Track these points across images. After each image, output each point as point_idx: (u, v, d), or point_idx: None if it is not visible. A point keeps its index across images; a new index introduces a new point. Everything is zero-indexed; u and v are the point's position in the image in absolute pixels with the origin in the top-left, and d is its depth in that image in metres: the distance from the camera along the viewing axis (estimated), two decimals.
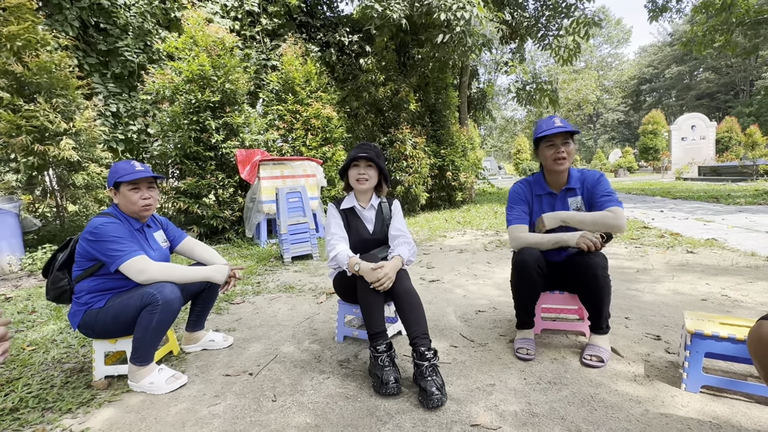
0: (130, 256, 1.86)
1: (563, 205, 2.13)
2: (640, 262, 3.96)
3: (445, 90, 10.82)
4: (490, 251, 4.95)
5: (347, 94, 9.32)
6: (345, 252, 2.06)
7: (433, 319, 2.70)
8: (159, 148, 6.54)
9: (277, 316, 2.95)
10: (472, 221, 7.79)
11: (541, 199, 2.18)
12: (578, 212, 2.06)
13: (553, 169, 2.08)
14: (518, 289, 2.11)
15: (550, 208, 2.15)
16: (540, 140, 2.08)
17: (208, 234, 6.41)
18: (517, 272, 2.07)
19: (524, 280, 2.04)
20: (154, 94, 6.57)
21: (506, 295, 3.14)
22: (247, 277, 4.12)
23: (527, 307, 2.15)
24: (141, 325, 1.85)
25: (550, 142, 2.05)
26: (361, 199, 2.22)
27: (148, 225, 2.12)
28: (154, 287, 1.85)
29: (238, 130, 6.50)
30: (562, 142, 2.03)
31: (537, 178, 2.21)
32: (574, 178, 2.12)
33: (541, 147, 2.09)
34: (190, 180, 6.07)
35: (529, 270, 1.99)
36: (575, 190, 2.12)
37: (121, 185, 1.95)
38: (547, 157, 2.07)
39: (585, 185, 2.11)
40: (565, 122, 2.05)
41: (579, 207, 2.10)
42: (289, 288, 3.68)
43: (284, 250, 4.88)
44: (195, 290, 2.25)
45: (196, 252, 2.27)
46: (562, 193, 2.14)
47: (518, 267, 2.05)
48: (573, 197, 2.12)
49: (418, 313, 1.89)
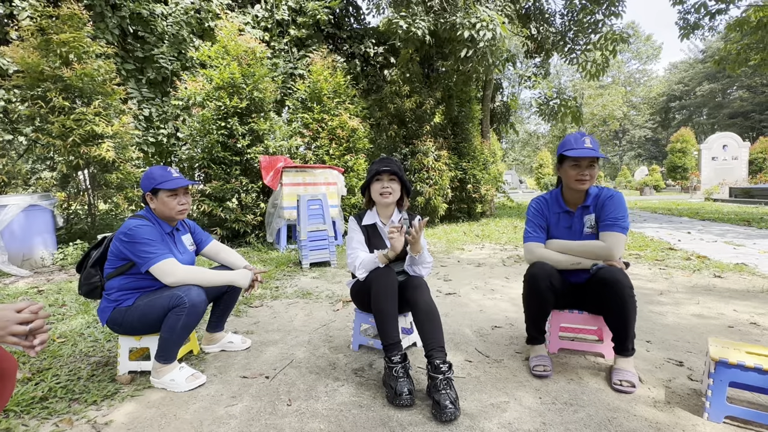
0: (160, 258, 1.93)
1: (579, 223, 2.12)
2: (664, 284, 3.85)
3: (469, 103, 10.82)
4: (508, 266, 4.90)
5: (371, 104, 9.44)
6: (368, 255, 2.10)
7: (449, 332, 2.69)
8: (187, 151, 6.76)
9: (294, 321, 3.00)
10: (491, 235, 7.73)
11: (559, 216, 2.17)
12: (566, 242, 2.08)
13: (573, 188, 2.07)
14: (528, 303, 2.11)
15: (566, 226, 2.14)
16: (566, 157, 2.07)
17: (229, 237, 6.55)
18: (527, 286, 2.07)
19: (534, 294, 2.03)
20: (185, 99, 6.81)
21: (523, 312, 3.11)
22: (266, 282, 4.20)
23: (537, 322, 2.13)
24: (167, 326, 1.92)
25: (576, 163, 2.03)
26: (383, 214, 2.24)
27: (177, 228, 2.21)
28: (181, 290, 1.92)
29: (263, 137, 6.66)
30: (588, 165, 2.02)
31: (555, 195, 2.20)
32: (591, 196, 2.11)
33: (566, 164, 2.08)
34: (215, 183, 6.24)
35: (539, 284, 1.98)
36: (589, 207, 2.11)
37: (159, 191, 2.04)
38: (570, 177, 2.06)
39: (597, 203, 2.10)
40: (596, 144, 2.04)
41: (591, 225, 2.09)
42: (307, 294, 3.73)
43: (303, 256, 4.95)
44: (217, 292, 2.31)
45: (221, 255, 2.34)
46: (578, 210, 2.13)
47: (528, 281, 2.04)
48: (588, 215, 2.11)
49: (435, 325, 1.89)
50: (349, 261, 2.18)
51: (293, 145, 7.35)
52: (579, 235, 2.11)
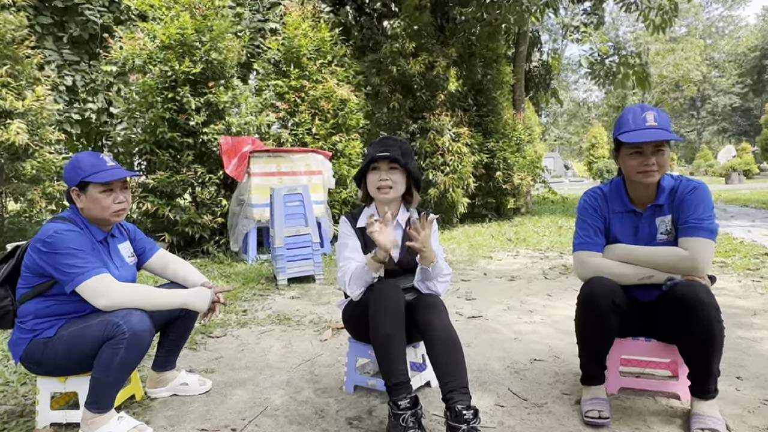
0: (91, 274, 1.94)
1: (650, 227, 2.11)
2: (759, 301, 3.85)
3: (496, 63, 10.82)
4: (551, 279, 4.90)
5: (367, 67, 9.43)
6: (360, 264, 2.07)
7: (474, 367, 2.69)
8: (124, 132, 6.78)
9: (268, 355, 3.00)
10: (528, 238, 7.72)
11: (621, 217, 2.16)
12: (633, 248, 2.07)
13: (638, 182, 2.07)
14: (584, 331, 2.11)
15: (632, 231, 2.14)
16: (623, 142, 2.03)
17: (181, 245, 6.57)
18: (583, 309, 2.06)
19: (592, 319, 2.03)
20: (120, 63, 6.82)
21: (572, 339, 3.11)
22: (231, 303, 4.21)
23: (596, 356, 2.13)
24: (101, 363, 1.92)
25: (637, 150, 2.01)
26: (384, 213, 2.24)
27: (113, 234, 2.21)
28: (118, 315, 1.93)
29: (223, 112, 6.67)
30: (653, 151, 1.99)
31: (615, 188, 2.19)
32: (665, 191, 2.09)
33: (624, 152, 2.05)
34: (161, 174, 6.25)
35: (599, 305, 1.98)
36: (663, 207, 2.10)
37: (89, 186, 2.04)
38: (631, 168, 2.03)
39: (674, 200, 2.08)
40: (664, 119, 2.00)
41: (668, 230, 2.08)
42: (285, 319, 3.74)
43: (279, 269, 4.96)
44: (166, 319, 2.32)
45: (171, 269, 2.34)
46: (648, 211, 2.12)
47: (585, 302, 2.04)
48: (661, 216, 2.10)
49: (455, 358, 1.90)
50: (339, 275, 2.17)
51: (264, 122, 7.35)
52: (649, 242, 2.10)
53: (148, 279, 4.92)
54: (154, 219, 6.52)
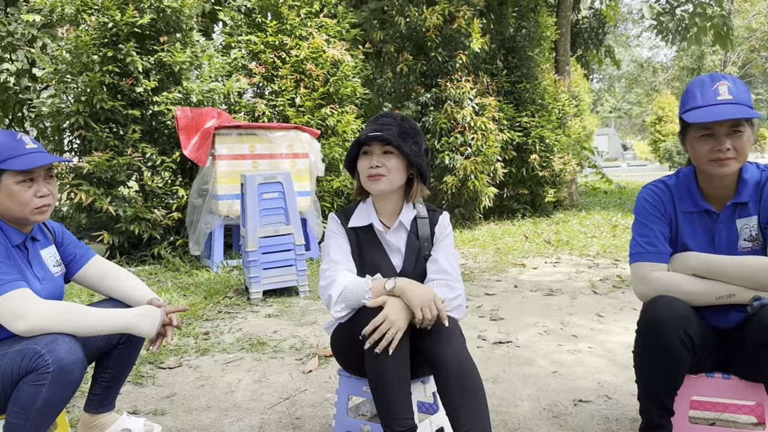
0: (6, 289, 1.93)
1: (729, 232, 2.10)
2: None
3: (534, 13, 10.79)
4: (602, 295, 4.90)
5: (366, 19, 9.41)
6: (357, 279, 2.08)
7: (500, 410, 2.70)
8: (50, 101, 6.77)
9: (235, 392, 3.00)
10: (572, 240, 7.72)
11: (692, 219, 2.15)
12: (710, 257, 2.06)
13: (710, 173, 2.05)
14: (646, 368, 2.10)
15: (707, 236, 2.13)
16: (688, 123, 2.02)
17: (124, 247, 6.58)
18: (645, 341, 2.06)
19: (658, 355, 2.02)
20: (46, 11, 6.81)
21: (629, 375, 3.11)
22: (188, 324, 4.21)
23: (661, 398, 2.12)
24: (19, 403, 1.91)
25: (707, 131, 1.99)
26: (384, 211, 2.24)
27: (34, 237, 2.21)
28: (41, 343, 1.92)
29: (180, 75, 6.67)
30: (728, 133, 1.97)
31: (684, 181, 2.18)
32: (748, 186, 2.08)
33: (691, 135, 2.04)
34: (98, 156, 6.23)
35: (667, 340, 1.97)
36: (747, 206, 2.09)
37: (3, 175, 2.03)
38: (700, 155, 2.02)
39: (762, 196, 2.07)
40: (740, 90, 1.99)
41: (754, 236, 2.07)
42: (258, 344, 3.73)
43: (252, 279, 4.96)
44: (104, 347, 2.31)
45: (109, 282, 2.33)
46: (727, 211, 2.10)
47: (648, 332, 2.03)
48: (744, 218, 2.09)
49: (474, 400, 1.90)
50: (321, 284, 2.16)
51: (233, 89, 7.34)
52: (729, 252, 2.09)
53: (81, 293, 4.93)
54: (90, 214, 6.53)
